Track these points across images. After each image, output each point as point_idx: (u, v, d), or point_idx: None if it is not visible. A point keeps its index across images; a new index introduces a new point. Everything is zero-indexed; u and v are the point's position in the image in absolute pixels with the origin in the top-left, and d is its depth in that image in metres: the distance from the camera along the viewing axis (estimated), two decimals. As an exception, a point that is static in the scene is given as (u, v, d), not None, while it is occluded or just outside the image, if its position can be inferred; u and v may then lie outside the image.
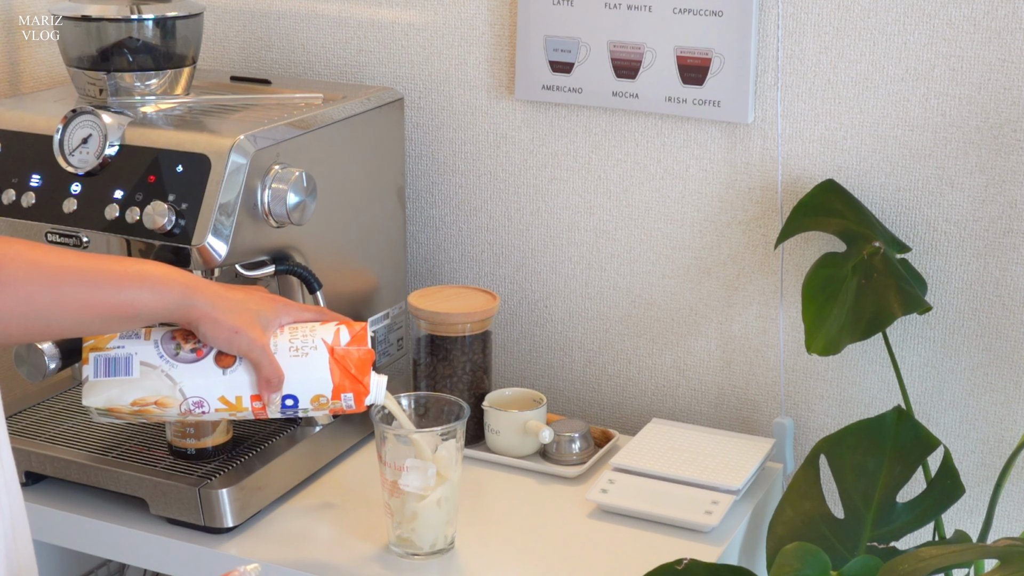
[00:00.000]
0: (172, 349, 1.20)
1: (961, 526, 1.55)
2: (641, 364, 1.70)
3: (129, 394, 1.19)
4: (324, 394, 1.21)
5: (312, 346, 1.21)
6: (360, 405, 1.23)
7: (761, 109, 1.55)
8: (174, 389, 1.19)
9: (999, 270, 1.50)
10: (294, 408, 1.21)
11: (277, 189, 1.36)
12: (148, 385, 1.19)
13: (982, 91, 1.45)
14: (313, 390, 1.21)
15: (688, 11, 1.54)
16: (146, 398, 1.19)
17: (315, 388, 1.21)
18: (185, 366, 1.19)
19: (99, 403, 1.19)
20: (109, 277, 1.12)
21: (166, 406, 1.20)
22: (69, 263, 1.11)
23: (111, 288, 1.12)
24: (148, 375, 1.19)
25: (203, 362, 1.19)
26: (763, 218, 1.59)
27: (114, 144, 1.38)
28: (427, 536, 1.33)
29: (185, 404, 1.20)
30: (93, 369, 1.20)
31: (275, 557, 1.35)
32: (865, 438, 1.41)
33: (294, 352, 1.20)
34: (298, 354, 1.20)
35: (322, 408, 1.22)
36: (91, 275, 1.11)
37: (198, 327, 1.17)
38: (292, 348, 1.21)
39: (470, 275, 1.77)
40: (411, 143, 1.75)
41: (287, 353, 1.20)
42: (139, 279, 1.13)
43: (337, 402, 1.21)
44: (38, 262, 1.09)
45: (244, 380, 1.20)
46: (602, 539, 1.40)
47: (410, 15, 1.71)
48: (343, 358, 1.21)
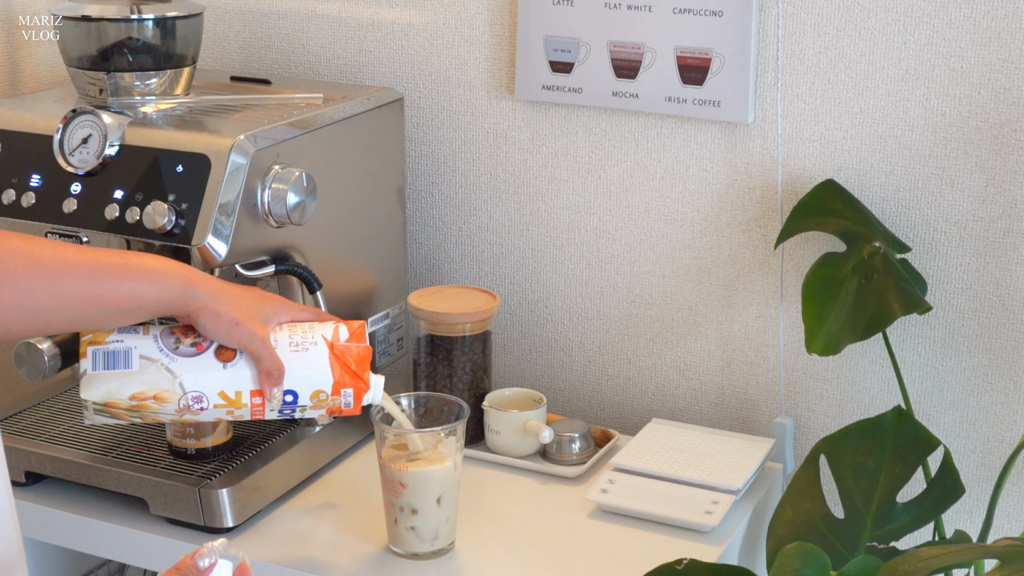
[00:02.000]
0: (172, 343, 1.19)
1: (961, 526, 1.55)
2: (641, 364, 1.70)
3: (128, 387, 1.18)
4: (324, 389, 1.21)
5: (312, 341, 1.21)
6: (358, 404, 1.23)
7: (761, 109, 1.55)
8: (174, 383, 1.18)
9: (999, 270, 1.50)
10: (293, 405, 1.21)
11: (277, 189, 1.36)
12: (147, 378, 1.18)
13: (982, 91, 1.45)
14: (313, 385, 1.21)
15: (688, 11, 1.54)
16: (145, 392, 1.18)
17: (315, 383, 1.21)
18: (185, 360, 1.19)
19: (97, 396, 1.18)
20: (109, 270, 1.12)
21: (165, 400, 1.19)
22: (68, 257, 1.10)
23: (111, 281, 1.12)
24: (147, 368, 1.18)
25: (203, 356, 1.19)
26: (763, 218, 1.59)
27: (114, 144, 1.38)
28: (427, 533, 1.33)
29: (184, 399, 1.19)
30: (91, 362, 1.19)
31: (275, 557, 1.35)
32: (865, 438, 1.41)
33: (294, 347, 1.21)
34: (298, 349, 1.21)
35: (320, 406, 1.22)
36: (90, 268, 1.11)
37: (198, 319, 1.16)
38: (292, 343, 1.21)
39: (470, 275, 1.77)
40: (411, 143, 1.75)
41: (287, 348, 1.20)
42: (139, 271, 1.13)
43: (336, 398, 1.21)
44: (37, 256, 1.08)
45: (244, 375, 1.19)
46: (602, 539, 1.40)
47: (410, 15, 1.71)
48: (343, 353, 1.21)
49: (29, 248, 1.08)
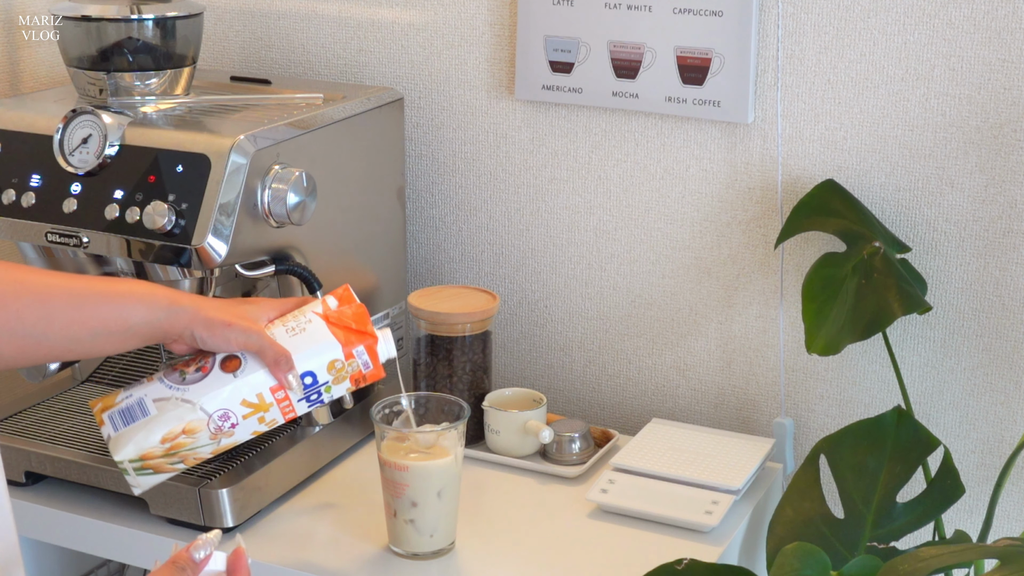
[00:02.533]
0: (177, 377, 1.18)
1: (961, 526, 1.55)
2: (641, 364, 1.70)
3: (155, 432, 1.16)
4: (337, 357, 1.19)
5: (307, 320, 1.21)
6: (376, 361, 1.21)
7: (761, 109, 1.55)
8: (195, 410, 1.17)
9: (999, 270, 1.50)
10: (316, 386, 1.20)
11: (277, 189, 1.36)
12: (170, 417, 1.17)
13: (982, 91, 1.45)
14: (325, 357, 1.19)
15: (688, 11, 1.54)
16: (173, 430, 1.16)
17: (326, 355, 1.19)
18: (196, 385, 1.17)
19: (130, 454, 1.17)
20: (96, 293, 1.14)
21: (195, 431, 1.17)
22: (56, 281, 1.13)
23: (100, 303, 1.14)
24: (165, 407, 1.17)
25: (211, 375, 1.18)
26: (763, 218, 1.59)
27: (114, 144, 1.38)
28: (426, 526, 1.32)
29: (212, 422, 1.17)
30: (111, 425, 1.18)
31: (275, 557, 1.35)
32: (865, 438, 1.41)
33: (292, 332, 1.20)
34: (296, 332, 1.20)
35: (342, 377, 1.20)
36: (79, 291, 1.13)
37: (192, 332, 1.16)
38: (288, 330, 1.20)
39: (470, 275, 1.77)
40: (411, 143, 1.75)
41: (286, 336, 1.19)
42: (126, 294, 1.15)
43: (353, 362, 1.20)
44: (25, 280, 1.11)
45: (257, 376, 1.18)
46: (602, 539, 1.40)
47: (410, 15, 1.71)
48: (339, 318, 1.21)
49: (16, 273, 1.11)
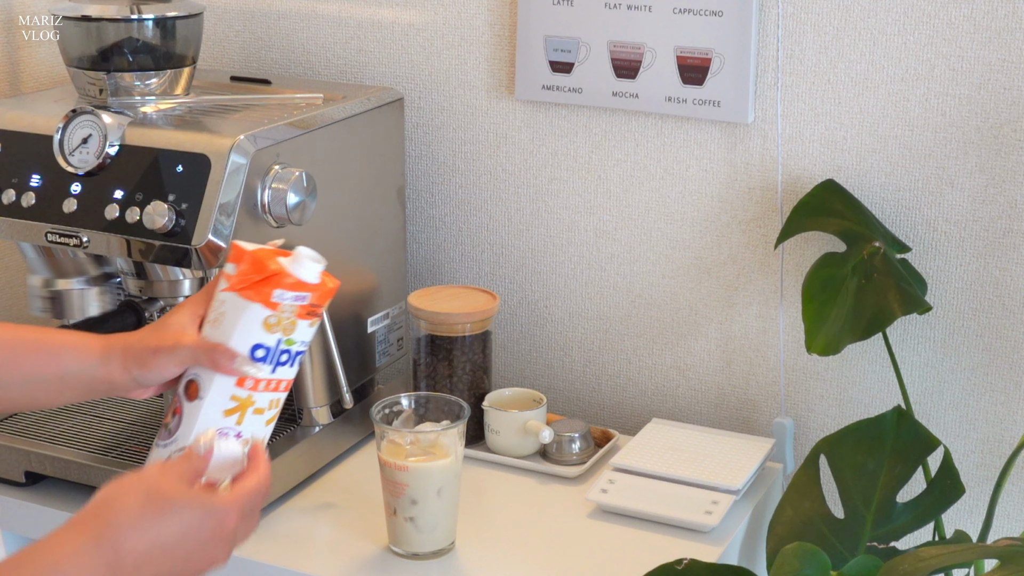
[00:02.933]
0: (165, 434, 1.11)
1: (961, 526, 1.55)
2: (641, 364, 1.70)
3: None
4: (264, 315, 1.10)
5: (220, 302, 1.12)
6: (306, 286, 1.10)
7: (761, 109, 1.55)
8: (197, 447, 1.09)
9: (999, 270, 1.50)
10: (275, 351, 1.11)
11: (277, 189, 1.36)
12: None
13: (982, 91, 1.45)
14: (255, 323, 1.10)
15: (688, 11, 1.54)
16: None
17: (254, 320, 1.10)
18: (180, 430, 1.11)
19: None
20: (31, 341, 1.13)
21: None
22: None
23: (31, 351, 1.13)
24: None
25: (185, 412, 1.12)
26: (763, 218, 1.59)
27: (114, 144, 1.38)
28: (426, 524, 1.32)
29: None
30: None
31: (275, 557, 1.35)
32: (865, 438, 1.41)
33: (214, 322, 1.12)
34: (218, 319, 1.12)
35: (290, 325, 1.11)
36: (8, 339, 1.12)
37: (131, 375, 1.12)
38: (211, 321, 1.12)
39: (470, 275, 1.77)
40: (411, 143, 1.75)
41: (211, 328, 1.12)
42: (58, 342, 1.13)
43: (283, 306, 1.10)
44: None
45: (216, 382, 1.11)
46: (602, 539, 1.40)
47: (410, 15, 1.71)
48: (241, 279, 1.11)
49: None
